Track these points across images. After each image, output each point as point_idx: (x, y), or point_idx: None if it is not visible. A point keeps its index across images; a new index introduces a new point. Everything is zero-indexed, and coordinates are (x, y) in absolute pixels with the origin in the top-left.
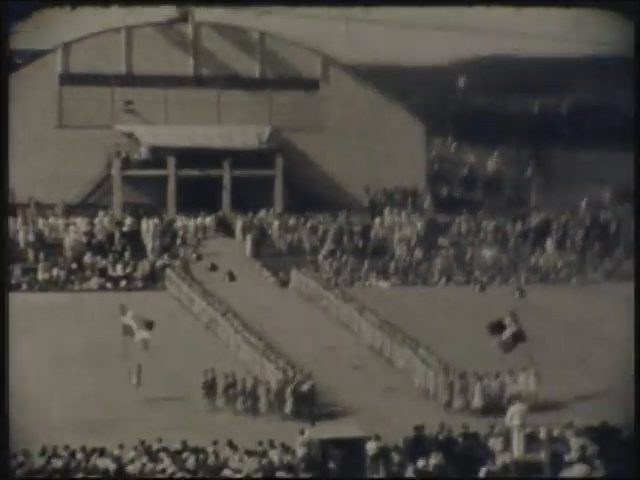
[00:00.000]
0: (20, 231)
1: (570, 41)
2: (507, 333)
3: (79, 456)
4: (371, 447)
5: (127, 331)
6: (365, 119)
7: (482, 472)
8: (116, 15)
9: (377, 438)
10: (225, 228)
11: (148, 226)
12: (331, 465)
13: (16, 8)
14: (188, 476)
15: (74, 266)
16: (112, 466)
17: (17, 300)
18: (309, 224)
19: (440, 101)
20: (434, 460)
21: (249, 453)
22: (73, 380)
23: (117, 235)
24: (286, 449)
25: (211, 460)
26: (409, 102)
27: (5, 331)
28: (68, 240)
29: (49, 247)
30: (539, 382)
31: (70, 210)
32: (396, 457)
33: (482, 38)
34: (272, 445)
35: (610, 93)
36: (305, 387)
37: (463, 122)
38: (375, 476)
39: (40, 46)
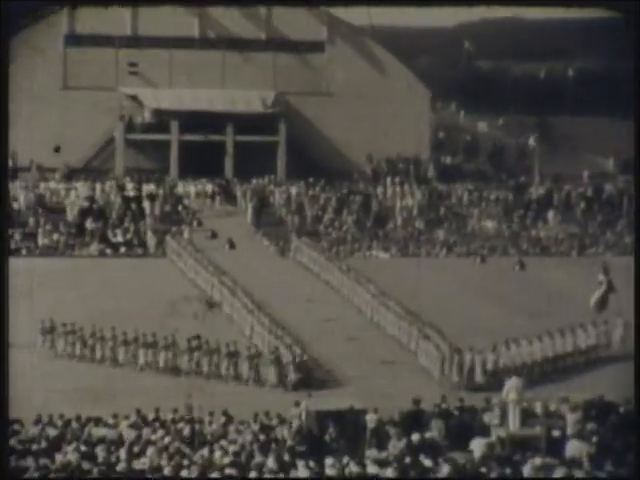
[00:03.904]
0: (20, 195)
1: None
2: (597, 294)
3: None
4: (371, 419)
5: None
6: (370, 83)
7: (473, 444)
8: None
9: (375, 411)
10: (227, 195)
11: (149, 191)
12: (327, 437)
13: (16, 8)
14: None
15: (74, 231)
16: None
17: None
18: (310, 192)
19: (445, 65)
20: (430, 433)
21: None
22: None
23: (118, 201)
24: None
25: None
26: (414, 65)
27: (5, 295)
28: (69, 205)
29: (50, 212)
30: (628, 332)
31: (72, 174)
32: (392, 430)
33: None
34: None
35: (613, 60)
36: (299, 358)
37: (468, 87)
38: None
39: None
